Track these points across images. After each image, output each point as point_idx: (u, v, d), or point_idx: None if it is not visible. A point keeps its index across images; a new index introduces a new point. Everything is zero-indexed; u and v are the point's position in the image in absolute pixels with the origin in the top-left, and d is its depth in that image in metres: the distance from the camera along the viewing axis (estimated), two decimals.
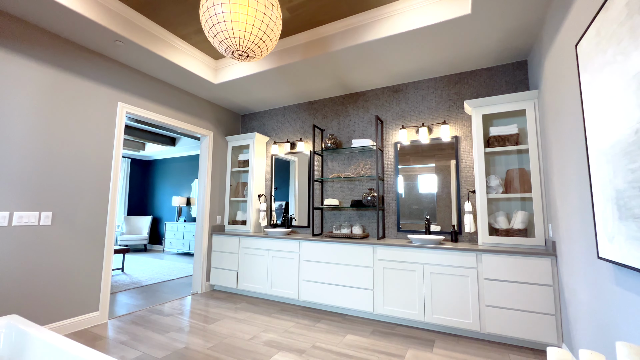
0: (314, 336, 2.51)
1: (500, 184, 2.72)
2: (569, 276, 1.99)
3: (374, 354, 2.22)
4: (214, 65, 3.48)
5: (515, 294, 2.33)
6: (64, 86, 2.58)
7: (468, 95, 3.09)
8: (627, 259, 1.15)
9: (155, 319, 2.90)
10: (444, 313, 2.56)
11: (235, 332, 2.58)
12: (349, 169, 3.66)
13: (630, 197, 1.10)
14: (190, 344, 2.34)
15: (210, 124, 4.09)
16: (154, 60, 2.98)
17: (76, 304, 2.59)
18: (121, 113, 2.98)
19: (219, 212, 4.17)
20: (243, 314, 3.04)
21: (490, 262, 2.43)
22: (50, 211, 2.46)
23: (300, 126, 4.07)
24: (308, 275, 3.22)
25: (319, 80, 3.41)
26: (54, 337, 1.25)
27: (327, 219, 3.73)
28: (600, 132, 1.32)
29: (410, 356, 2.18)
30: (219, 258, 3.88)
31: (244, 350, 2.25)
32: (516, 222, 2.63)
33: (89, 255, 2.69)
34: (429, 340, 2.46)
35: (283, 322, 2.83)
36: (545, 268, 2.25)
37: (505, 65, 2.95)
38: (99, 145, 2.81)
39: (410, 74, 3.21)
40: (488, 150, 2.72)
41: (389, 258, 2.82)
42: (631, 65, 1.06)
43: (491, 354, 2.22)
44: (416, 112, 3.33)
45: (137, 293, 3.80)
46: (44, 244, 2.42)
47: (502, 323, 2.35)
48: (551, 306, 2.21)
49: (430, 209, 3.13)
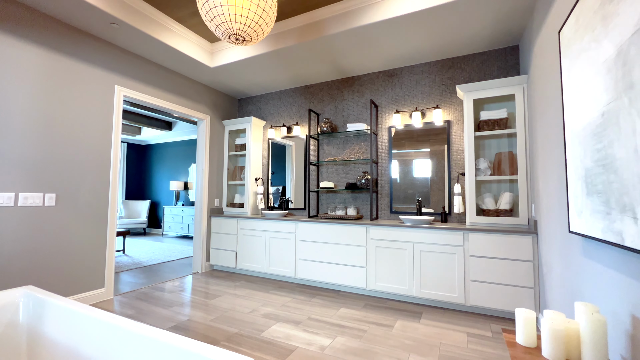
0: (309, 309, 2.68)
1: (488, 167, 2.84)
2: (546, 252, 2.13)
3: (366, 324, 2.38)
4: (210, 49, 3.48)
5: (498, 270, 2.48)
6: (62, 69, 2.60)
7: (461, 80, 3.16)
8: (591, 230, 1.27)
9: (159, 295, 3.04)
10: (431, 288, 2.73)
11: (235, 306, 2.73)
12: (344, 153, 3.74)
13: (596, 175, 1.21)
14: (193, 317, 2.49)
15: (207, 108, 4.12)
16: (149, 43, 2.99)
17: (82, 280, 2.72)
18: (119, 96, 3.01)
19: (217, 195, 4.26)
20: (242, 290, 3.20)
21: (476, 240, 2.57)
22: (53, 192, 2.54)
23: (297, 110, 4.12)
24: (304, 254, 3.36)
25: (315, 65, 3.43)
26: (71, 303, 1.36)
27: (322, 201, 3.84)
28: (575, 115, 1.42)
29: (398, 325, 2.35)
30: (218, 239, 4.01)
31: (244, 322, 2.40)
32: (502, 203, 2.76)
33: (92, 235, 2.80)
34: (417, 312, 2.63)
35: (280, 297, 2.99)
36: (527, 245, 2.40)
37: (498, 50, 3.00)
38: (98, 129, 2.86)
39: (405, 59, 3.25)
40: (478, 134, 2.82)
41: (382, 237, 2.96)
42: (602, 52, 1.15)
43: (474, 323, 2.40)
44: (410, 96, 3.39)
45: (139, 272, 3.94)
46: (49, 224, 2.51)
47: (485, 296, 2.52)
48: (530, 280, 2.38)
49: (424, 193, 3.25)
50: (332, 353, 1.93)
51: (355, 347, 2.02)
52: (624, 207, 1.02)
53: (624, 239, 1.02)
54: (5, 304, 1.45)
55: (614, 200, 1.08)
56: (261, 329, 2.28)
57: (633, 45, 0.95)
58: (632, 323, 1.08)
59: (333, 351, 1.96)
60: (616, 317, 1.19)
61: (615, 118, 1.06)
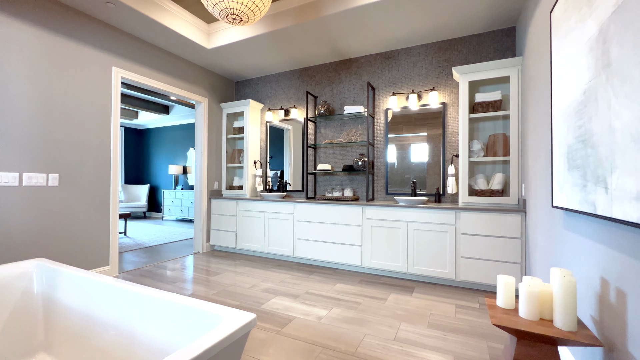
0: (307, 285, 2.80)
1: (482, 148, 2.91)
2: (533, 228, 2.24)
3: (361, 297, 2.51)
4: (207, 30, 3.46)
5: (487, 247, 2.60)
6: (60, 50, 2.60)
7: (457, 62, 3.17)
8: (570, 203, 1.35)
9: (162, 272, 3.16)
10: (424, 265, 2.85)
11: (236, 282, 2.85)
12: (341, 135, 3.79)
13: (576, 150, 1.29)
14: (196, 291, 2.61)
15: (204, 91, 4.13)
16: (145, 23, 2.97)
17: (88, 258, 2.82)
18: (116, 78, 3.02)
19: (216, 178, 4.33)
20: (242, 268, 3.32)
21: (468, 219, 2.67)
22: (56, 173, 2.59)
23: (294, 93, 4.13)
24: (302, 234, 3.47)
25: (313, 46, 3.43)
26: (83, 272, 1.45)
27: (320, 183, 3.92)
28: (561, 94, 1.47)
29: (392, 298, 2.48)
30: (217, 220, 4.10)
31: (245, 296, 2.52)
32: (494, 184, 2.85)
33: (96, 214, 2.88)
34: (410, 287, 2.76)
35: (279, 274, 3.12)
36: (515, 223, 2.51)
37: (495, 32, 3.01)
38: (97, 110, 2.89)
39: (402, 40, 3.26)
40: (473, 116, 2.87)
41: (377, 217, 3.05)
42: (586, 31, 1.20)
43: (463, 296, 2.54)
44: (407, 78, 3.41)
45: (141, 252, 4.05)
46: (54, 203, 2.58)
47: (474, 271, 2.64)
48: (518, 256, 2.49)
49: (421, 178, 3.33)
50: (328, 322, 2.06)
51: (350, 316, 2.15)
52: (598, 178, 1.09)
53: (596, 208, 1.10)
54: (19, 273, 1.54)
55: (590, 172, 1.16)
56: (261, 302, 2.41)
57: (612, 24, 1.00)
58: (600, 285, 1.18)
59: (329, 320, 2.08)
60: (588, 282, 1.29)
61: (594, 95, 1.13)
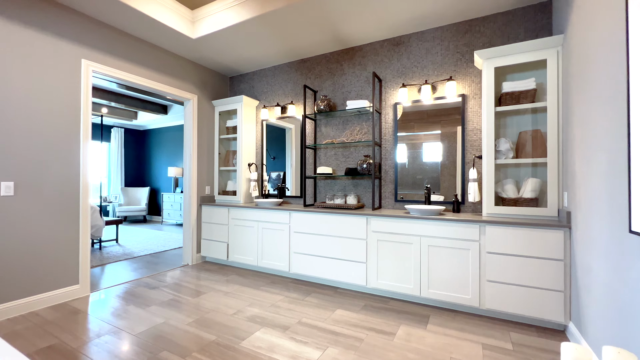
0: (301, 311, 2.38)
1: (510, 148, 2.41)
2: (584, 250, 1.74)
3: (363, 330, 2.07)
4: (191, 17, 3.07)
5: (520, 269, 2.11)
6: (16, 40, 2.26)
7: (479, 46, 2.68)
8: None
9: (141, 292, 2.79)
10: (441, 288, 2.38)
11: (219, 307, 2.45)
12: (343, 134, 3.35)
13: None
14: (170, 319, 2.22)
15: (194, 87, 3.75)
16: (118, 10, 2.60)
17: (53, 277, 2.47)
18: (86, 71, 2.67)
19: (208, 182, 3.95)
20: (231, 286, 2.92)
21: (495, 234, 2.19)
22: (11, 181, 2.25)
23: (292, 88, 3.71)
24: (299, 247, 3.04)
25: (310, 33, 3.00)
26: None
27: (320, 188, 3.49)
28: None
29: (402, 333, 2.03)
30: (209, 229, 3.73)
31: (225, 326, 2.12)
32: (526, 191, 2.35)
33: (62, 226, 2.53)
34: (424, 315, 2.30)
35: (271, 295, 2.70)
36: (557, 241, 2.01)
37: (525, 8, 2.51)
38: (63, 108, 2.54)
39: (413, 23, 2.79)
40: (499, 110, 2.38)
41: (384, 230, 2.60)
42: None
43: (490, 331, 2.06)
44: (419, 67, 2.94)
45: (127, 264, 3.71)
46: (9, 216, 2.24)
47: (503, 299, 2.16)
48: (560, 282, 2.00)
49: (434, 179, 2.86)
50: None
51: None
52: None
53: None
54: None
55: None
56: (242, 336, 1.99)
57: None
58: None
59: None
60: None
61: None
